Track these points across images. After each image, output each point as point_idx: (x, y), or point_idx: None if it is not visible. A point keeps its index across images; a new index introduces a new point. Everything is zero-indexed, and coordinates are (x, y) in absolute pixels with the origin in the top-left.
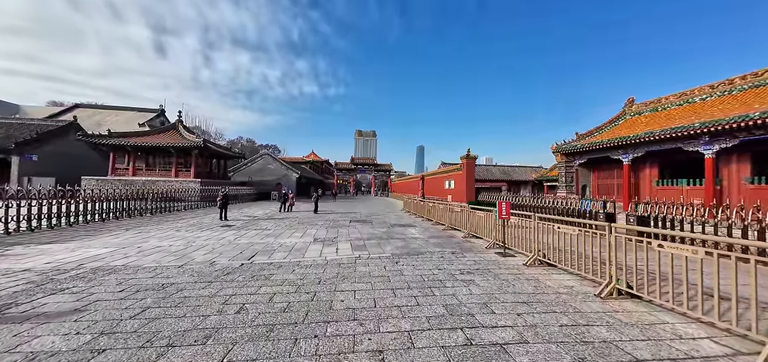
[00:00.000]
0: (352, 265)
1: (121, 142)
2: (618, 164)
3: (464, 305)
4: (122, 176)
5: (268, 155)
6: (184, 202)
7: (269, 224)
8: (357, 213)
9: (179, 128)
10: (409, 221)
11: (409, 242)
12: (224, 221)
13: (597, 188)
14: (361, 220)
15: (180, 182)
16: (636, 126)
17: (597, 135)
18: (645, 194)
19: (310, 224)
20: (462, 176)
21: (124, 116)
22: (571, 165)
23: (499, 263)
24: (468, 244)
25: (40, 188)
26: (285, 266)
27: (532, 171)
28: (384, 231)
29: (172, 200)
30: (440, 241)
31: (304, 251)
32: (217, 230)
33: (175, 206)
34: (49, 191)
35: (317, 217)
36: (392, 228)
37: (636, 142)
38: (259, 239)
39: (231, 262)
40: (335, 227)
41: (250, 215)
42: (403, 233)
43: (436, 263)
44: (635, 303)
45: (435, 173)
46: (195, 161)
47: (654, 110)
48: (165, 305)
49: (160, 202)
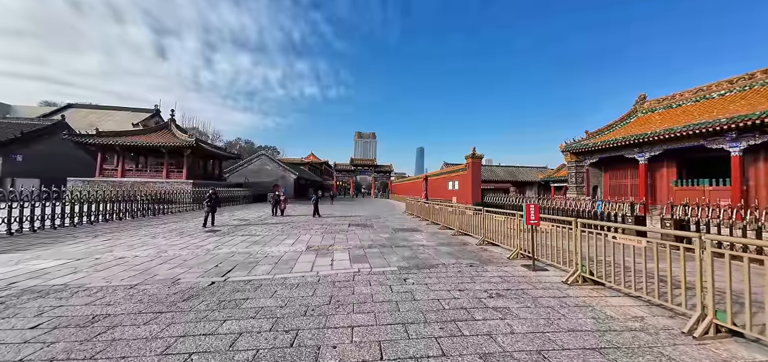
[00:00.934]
0: (350, 284)
1: (109, 141)
2: (632, 163)
3: (511, 355)
4: (110, 177)
5: (265, 156)
6: (175, 204)
7: (260, 230)
8: (357, 216)
9: (172, 127)
10: (413, 224)
11: (417, 252)
12: (210, 226)
13: (609, 189)
14: (362, 224)
15: (171, 184)
16: (649, 124)
17: (607, 133)
18: (662, 195)
19: (304, 228)
20: (467, 176)
21: (118, 116)
22: (581, 165)
23: (532, 281)
24: (485, 254)
25: (21, 190)
26: (265, 285)
27: (537, 172)
28: (387, 237)
29: (162, 202)
30: (452, 250)
31: (294, 263)
32: (198, 237)
33: (166, 208)
34: (31, 192)
35: (314, 221)
36: (396, 233)
37: (654, 139)
38: (243, 248)
39: (199, 280)
40: (332, 232)
41: (241, 218)
42: (409, 240)
43: (454, 280)
44: (746, 346)
45: (439, 173)
46: (187, 161)
47: (668, 107)
48: (76, 356)
49: (150, 204)
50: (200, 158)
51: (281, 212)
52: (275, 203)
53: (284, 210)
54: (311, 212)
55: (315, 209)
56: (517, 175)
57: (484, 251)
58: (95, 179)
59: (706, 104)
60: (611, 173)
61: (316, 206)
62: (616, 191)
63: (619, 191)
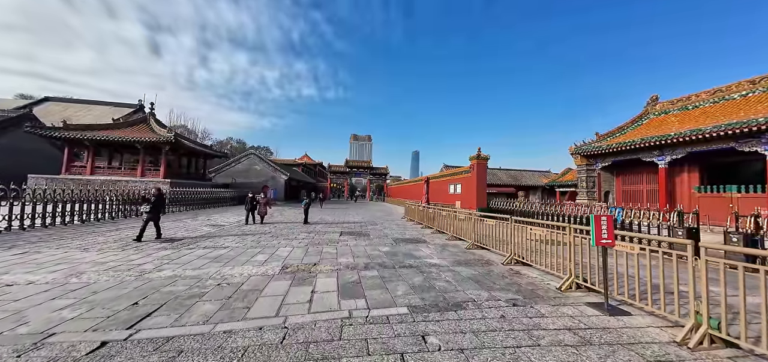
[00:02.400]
0: (336, 348)
1: (77, 135)
2: (649, 167)
3: None
4: (78, 174)
5: (254, 155)
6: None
7: (230, 241)
8: (350, 223)
9: (150, 121)
10: (416, 233)
11: (430, 276)
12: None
13: (621, 195)
14: (356, 232)
15: (145, 183)
16: (665, 126)
17: (619, 136)
18: (683, 202)
19: (286, 237)
20: (472, 179)
21: (98, 110)
22: (592, 169)
23: (622, 336)
24: (523, 281)
25: None
26: (190, 354)
27: (540, 176)
28: (387, 251)
29: (134, 204)
30: (474, 272)
31: (255, 298)
32: (144, 251)
33: (138, 210)
34: None
35: (300, 228)
36: (397, 246)
37: (677, 141)
38: (195, 269)
39: (84, 337)
40: (319, 243)
41: (216, 223)
42: (415, 255)
43: (501, 337)
44: None
45: (440, 175)
46: (165, 158)
47: (683, 108)
48: None
49: (121, 205)
50: (181, 156)
51: (261, 219)
52: (251, 208)
53: (265, 216)
54: (302, 218)
55: (306, 215)
56: (520, 179)
57: (519, 275)
58: (61, 177)
59: (726, 104)
60: (624, 177)
61: (306, 211)
62: (629, 197)
63: (632, 197)
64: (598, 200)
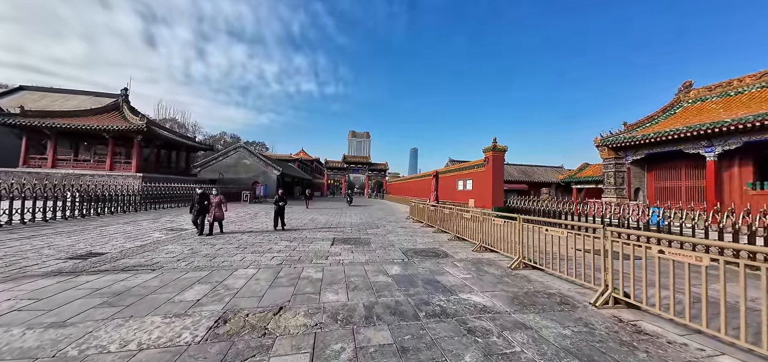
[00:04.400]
0: None
1: (35, 123)
2: (690, 160)
3: None
4: (37, 167)
5: (243, 149)
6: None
7: (171, 257)
8: (346, 225)
9: (123, 109)
10: (429, 240)
11: (490, 345)
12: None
13: (654, 192)
14: (352, 240)
15: (114, 177)
16: (706, 114)
17: (649, 126)
18: (733, 200)
19: (257, 249)
20: (486, 173)
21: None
22: (621, 163)
23: None
24: (660, 352)
25: None
26: None
27: (553, 171)
28: (398, 275)
29: (99, 201)
30: (562, 331)
31: None
32: (28, 280)
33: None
34: None
35: (282, 234)
36: (410, 262)
37: (733, 129)
38: (38, 332)
39: None
40: (300, 260)
41: (178, 227)
42: (443, 285)
43: None
44: None
45: (448, 170)
46: (139, 150)
47: (724, 94)
48: None
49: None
50: (160, 149)
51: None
52: (199, 210)
53: (222, 221)
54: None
55: (277, 218)
56: (531, 175)
57: (641, 335)
58: (18, 170)
59: None
60: (658, 172)
61: (279, 216)
62: (663, 194)
63: (668, 194)
64: (628, 197)
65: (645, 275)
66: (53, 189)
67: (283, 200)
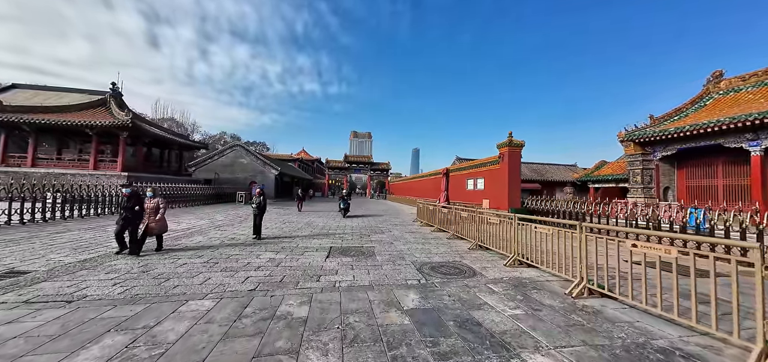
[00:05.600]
0: None
1: (13, 118)
2: (729, 156)
3: None
4: (16, 166)
5: (240, 147)
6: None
7: (98, 279)
8: (346, 230)
9: (111, 104)
10: (445, 250)
11: None
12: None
13: (686, 191)
14: (353, 251)
15: (97, 177)
16: (742, 105)
17: (678, 120)
18: None
19: (229, 266)
20: (502, 171)
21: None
22: (649, 159)
23: None
24: None
25: None
26: None
27: (567, 170)
28: (417, 308)
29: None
30: None
31: None
32: None
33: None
34: None
35: (259, 247)
36: (431, 284)
37: None
38: None
39: None
40: (281, 283)
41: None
42: (488, 331)
43: None
44: None
45: (458, 168)
46: (124, 148)
47: (761, 84)
48: None
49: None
50: (148, 146)
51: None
52: (126, 219)
53: (154, 232)
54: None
55: (256, 224)
56: (544, 173)
57: None
58: None
59: None
60: (690, 169)
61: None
62: (696, 193)
63: (702, 193)
64: (657, 196)
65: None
66: (32, 189)
67: (259, 203)
